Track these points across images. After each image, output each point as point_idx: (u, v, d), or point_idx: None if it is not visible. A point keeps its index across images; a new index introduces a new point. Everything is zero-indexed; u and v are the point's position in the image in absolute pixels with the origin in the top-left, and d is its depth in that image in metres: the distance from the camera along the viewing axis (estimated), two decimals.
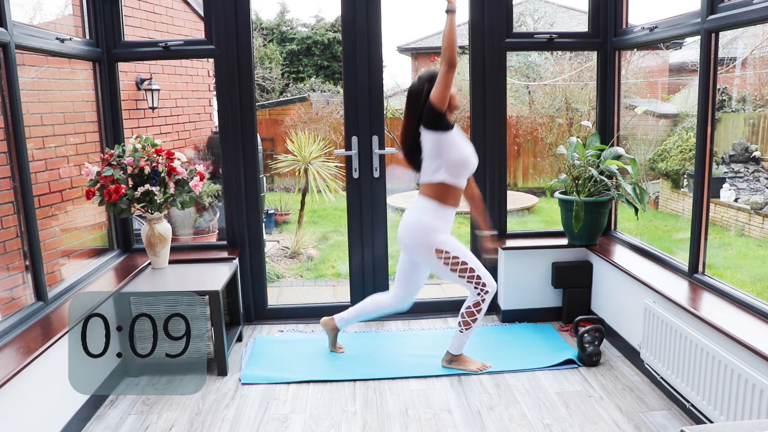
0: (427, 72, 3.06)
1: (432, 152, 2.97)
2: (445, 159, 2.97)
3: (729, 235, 6.97)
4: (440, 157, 2.96)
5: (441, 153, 2.96)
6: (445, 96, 2.90)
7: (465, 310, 3.11)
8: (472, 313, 3.10)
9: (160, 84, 5.80)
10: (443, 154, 2.96)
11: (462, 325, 3.13)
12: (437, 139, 2.94)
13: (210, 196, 6.09)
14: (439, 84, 2.89)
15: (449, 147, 2.96)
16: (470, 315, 3.11)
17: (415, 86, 3.04)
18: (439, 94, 2.89)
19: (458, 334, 3.17)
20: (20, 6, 3.52)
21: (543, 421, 2.74)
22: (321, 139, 7.18)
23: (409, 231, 3.08)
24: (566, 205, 3.69)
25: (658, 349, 2.88)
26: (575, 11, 12.72)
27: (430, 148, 2.97)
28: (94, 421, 2.80)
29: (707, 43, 2.80)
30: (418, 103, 2.99)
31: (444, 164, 2.97)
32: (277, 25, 15.17)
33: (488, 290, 3.08)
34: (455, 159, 2.98)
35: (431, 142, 2.96)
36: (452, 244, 3.06)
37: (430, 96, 2.92)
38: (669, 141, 8.25)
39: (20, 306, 2.74)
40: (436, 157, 2.97)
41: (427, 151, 2.99)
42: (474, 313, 3.10)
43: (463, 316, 3.12)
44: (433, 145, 2.96)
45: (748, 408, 2.23)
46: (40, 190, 3.43)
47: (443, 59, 2.87)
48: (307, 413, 2.85)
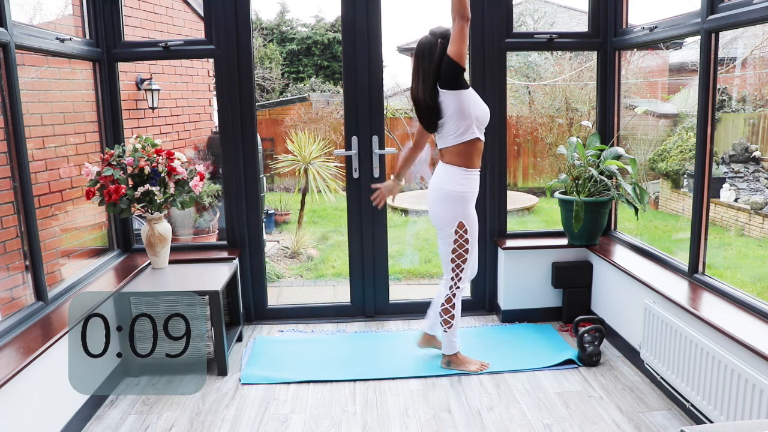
0: (438, 27, 2.91)
1: (457, 112, 2.85)
2: (475, 116, 2.88)
3: (729, 235, 6.97)
4: (468, 116, 2.86)
5: (469, 111, 2.85)
6: (464, 51, 2.77)
7: (440, 309, 3.13)
8: (447, 310, 3.12)
9: (160, 84, 5.80)
10: (472, 112, 2.86)
11: (444, 324, 3.15)
12: (460, 97, 2.83)
13: (210, 196, 6.09)
14: (457, 38, 2.74)
15: (474, 104, 2.88)
16: (446, 312, 3.12)
17: (427, 40, 2.88)
18: (458, 49, 2.75)
19: (444, 335, 3.18)
20: (20, 6, 3.52)
21: (543, 421, 2.74)
22: (321, 139, 7.18)
23: (445, 199, 2.95)
24: (566, 205, 3.69)
25: (658, 349, 2.88)
26: (575, 11, 12.71)
27: (455, 108, 2.84)
28: (94, 421, 2.80)
29: (707, 43, 2.80)
30: (432, 60, 2.85)
31: (473, 122, 2.88)
32: (277, 25, 15.16)
33: (460, 286, 3.10)
34: (482, 115, 2.92)
35: (455, 102, 2.83)
36: (473, 224, 3.01)
37: (448, 52, 2.78)
38: (669, 141, 8.25)
39: (20, 306, 2.74)
40: (463, 117, 2.85)
41: (451, 112, 2.85)
42: (449, 309, 3.11)
43: (442, 315, 3.14)
44: (457, 104, 2.83)
45: (748, 408, 2.23)
46: (40, 190, 3.43)
47: (455, 13, 2.71)
48: (307, 413, 2.85)
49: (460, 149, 2.92)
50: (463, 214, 2.98)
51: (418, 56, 2.90)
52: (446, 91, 2.85)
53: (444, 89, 2.85)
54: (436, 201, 3.01)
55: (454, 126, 2.89)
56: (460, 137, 2.90)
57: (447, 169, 2.97)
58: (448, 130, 2.91)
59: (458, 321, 3.17)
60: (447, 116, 2.88)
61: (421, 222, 8.05)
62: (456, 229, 2.99)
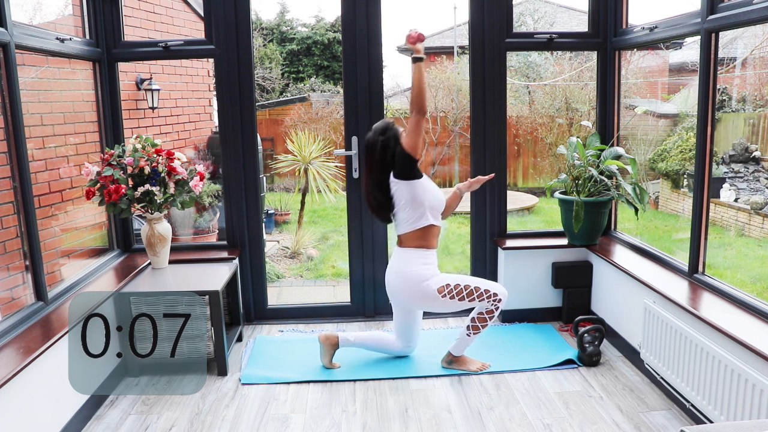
0: (381, 123, 3.06)
1: (410, 202, 2.97)
2: (429, 205, 3.00)
3: (729, 235, 6.97)
4: (421, 204, 2.98)
5: (422, 200, 2.97)
6: (418, 143, 2.89)
7: (476, 315, 3.09)
8: (483, 318, 3.08)
9: (160, 84, 5.80)
10: (425, 201, 2.98)
11: (471, 329, 3.11)
12: (412, 187, 2.95)
13: (210, 196, 6.09)
14: (412, 131, 2.87)
15: (426, 192, 2.99)
16: (481, 320, 3.09)
17: (372, 138, 3.02)
18: (412, 141, 2.88)
19: (464, 337, 3.15)
20: (20, 6, 3.52)
21: (543, 421, 2.74)
22: (321, 139, 7.18)
23: (405, 287, 3.06)
24: (566, 205, 3.69)
25: (658, 349, 2.88)
26: (575, 11, 12.72)
27: (407, 198, 2.97)
28: (94, 421, 2.80)
29: (707, 43, 2.80)
30: (384, 156, 2.98)
31: (427, 210, 3.00)
32: (277, 25, 15.16)
33: (501, 298, 3.07)
34: (436, 203, 3.04)
35: (408, 192, 2.96)
36: (449, 278, 3.08)
37: (402, 143, 2.91)
38: (669, 141, 8.25)
39: (20, 306, 2.74)
40: (417, 206, 2.98)
41: (404, 202, 2.99)
42: (486, 319, 3.08)
43: (474, 321, 3.10)
44: (410, 194, 2.96)
45: (748, 408, 2.23)
46: (40, 190, 3.43)
47: (414, 107, 2.85)
48: (307, 413, 2.85)
49: (416, 234, 3.04)
50: (434, 286, 3.03)
51: (368, 155, 3.04)
52: (401, 181, 2.96)
53: (397, 179, 2.97)
54: (406, 289, 3.07)
55: (407, 214, 3.01)
56: (415, 224, 3.02)
57: (406, 252, 3.07)
58: (403, 218, 3.04)
59: (483, 333, 3.16)
60: (400, 206, 3.02)
61: None
62: (440, 297, 3.03)
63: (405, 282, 3.07)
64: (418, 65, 2.88)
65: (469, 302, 3.06)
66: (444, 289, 3.03)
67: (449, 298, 3.03)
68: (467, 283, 3.06)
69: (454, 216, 8.28)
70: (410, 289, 3.06)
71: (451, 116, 10.41)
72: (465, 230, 7.44)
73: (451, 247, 7.01)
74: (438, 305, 3.08)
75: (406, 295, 3.09)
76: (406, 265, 3.06)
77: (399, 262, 3.09)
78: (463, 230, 7.56)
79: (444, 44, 13.82)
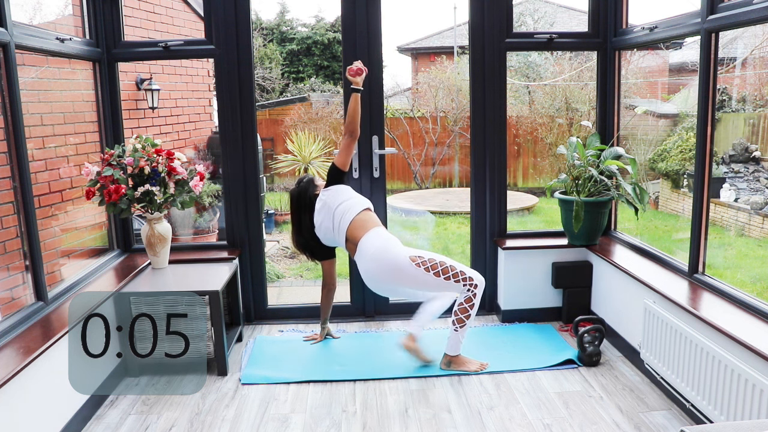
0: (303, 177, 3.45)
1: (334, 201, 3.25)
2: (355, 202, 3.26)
3: (729, 235, 6.96)
4: (347, 199, 3.25)
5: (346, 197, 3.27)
6: (348, 161, 3.30)
7: (458, 308, 3.11)
8: (465, 309, 3.10)
9: (160, 84, 5.80)
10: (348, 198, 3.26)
11: (456, 323, 3.13)
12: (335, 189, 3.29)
13: (210, 196, 6.09)
14: (344, 151, 3.28)
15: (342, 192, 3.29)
16: (463, 312, 3.10)
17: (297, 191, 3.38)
18: (343, 159, 3.29)
19: (453, 334, 3.16)
20: (20, 6, 3.52)
21: (543, 421, 2.74)
22: (321, 139, 7.19)
23: (378, 265, 3.11)
24: (566, 205, 3.69)
25: (658, 349, 2.88)
26: (575, 11, 12.73)
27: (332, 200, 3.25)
28: (94, 421, 2.80)
29: (707, 43, 2.80)
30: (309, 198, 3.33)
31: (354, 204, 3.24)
32: (277, 25, 15.17)
33: (476, 283, 3.09)
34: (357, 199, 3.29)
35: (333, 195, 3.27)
36: (421, 251, 3.14)
37: (335, 161, 3.31)
38: (669, 141, 8.25)
39: (20, 306, 2.74)
40: (342, 201, 3.24)
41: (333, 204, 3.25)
42: (467, 309, 3.09)
43: (456, 314, 3.11)
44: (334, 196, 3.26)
45: (748, 408, 2.23)
46: (40, 190, 3.43)
47: (346, 130, 3.27)
48: (307, 413, 2.85)
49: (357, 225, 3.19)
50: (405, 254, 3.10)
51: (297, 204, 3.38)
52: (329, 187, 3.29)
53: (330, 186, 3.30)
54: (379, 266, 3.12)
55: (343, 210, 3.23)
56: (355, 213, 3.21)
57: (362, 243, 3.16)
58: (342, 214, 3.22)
59: (471, 324, 3.17)
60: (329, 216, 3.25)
61: (421, 222, 8.05)
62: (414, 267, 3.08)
63: (375, 260, 3.10)
64: (356, 96, 3.24)
65: (445, 280, 3.06)
66: (416, 258, 3.08)
67: (423, 270, 3.05)
68: (441, 260, 3.10)
69: (455, 216, 8.29)
70: (383, 264, 3.09)
71: (451, 116, 10.42)
72: (465, 230, 7.44)
73: (451, 247, 7.01)
74: (412, 277, 3.07)
75: (382, 272, 3.11)
76: (368, 247, 3.13)
77: (363, 252, 3.15)
78: (463, 230, 7.56)
79: (444, 44, 13.83)
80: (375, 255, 3.10)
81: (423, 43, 14.59)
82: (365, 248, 3.13)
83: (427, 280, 3.07)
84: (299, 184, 3.39)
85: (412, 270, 3.06)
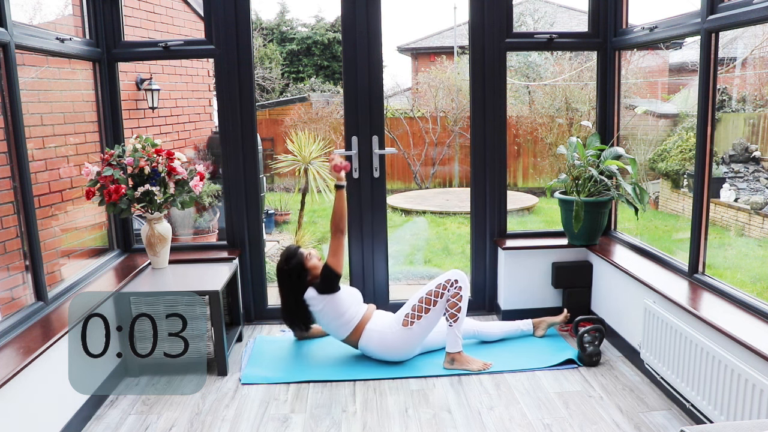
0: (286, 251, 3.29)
1: (334, 313, 3.19)
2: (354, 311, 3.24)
3: (729, 235, 6.97)
4: (346, 311, 3.21)
5: (345, 308, 3.20)
6: (342, 261, 3.18)
7: (447, 305, 3.21)
8: (454, 304, 3.19)
9: (160, 84, 5.81)
10: (347, 309, 3.21)
11: (449, 319, 3.20)
12: (334, 301, 3.18)
13: (210, 196, 6.09)
14: (337, 252, 3.17)
15: (344, 300, 3.21)
16: (453, 306, 3.19)
17: (279, 266, 3.27)
18: (337, 261, 3.16)
19: (449, 330, 3.21)
20: (20, 6, 3.52)
21: (543, 421, 2.74)
22: (321, 139, 7.18)
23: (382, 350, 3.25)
24: (566, 205, 3.69)
25: (658, 349, 2.88)
26: (575, 11, 12.72)
27: (331, 310, 3.18)
28: (94, 421, 2.80)
29: (707, 43, 2.80)
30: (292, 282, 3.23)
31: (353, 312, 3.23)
32: (277, 25, 15.17)
33: (457, 279, 3.19)
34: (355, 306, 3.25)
35: (331, 305, 3.18)
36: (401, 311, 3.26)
37: (328, 262, 3.16)
38: (669, 141, 8.25)
39: (20, 306, 2.74)
40: (342, 314, 3.20)
41: (332, 315, 3.19)
42: (456, 303, 3.18)
43: (447, 311, 3.20)
44: (332, 306, 3.18)
45: (748, 408, 2.23)
46: (40, 190, 3.43)
47: (335, 228, 3.19)
48: (307, 413, 2.85)
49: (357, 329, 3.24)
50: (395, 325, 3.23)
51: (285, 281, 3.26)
52: (323, 296, 3.17)
53: (321, 295, 3.17)
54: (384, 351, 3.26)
55: (338, 323, 3.22)
56: (349, 325, 3.23)
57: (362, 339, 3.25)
58: (337, 327, 3.24)
59: (464, 317, 3.23)
60: (330, 318, 3.21)
61: (421, 222, 8.05)
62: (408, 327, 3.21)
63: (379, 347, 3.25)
64: (340, 192, 3.23)
65: (435, 307, 3.18)
66: (406, 318, 3.21)
67: (418, 320, 3.19)
68: (419, 296, 3.22)
69: (455, 216, 8.29)
70: (386, 349, 3.24)
71: (451, 116, 10.42)
72: (465, 230, 7.44)
73: (451, 247, 7.01)
74: (417, 333, 3.22)
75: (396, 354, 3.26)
76: (368, 342, 3.25)
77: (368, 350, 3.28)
78: (463, 230, 7.56)
79: (444, 44, 13.83)
80: (379, 348, 3.25)
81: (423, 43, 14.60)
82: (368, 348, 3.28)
83: (429, 322, 3.22)
84: (288, 262, 3.23)
85: (414, 331, 3.21)
